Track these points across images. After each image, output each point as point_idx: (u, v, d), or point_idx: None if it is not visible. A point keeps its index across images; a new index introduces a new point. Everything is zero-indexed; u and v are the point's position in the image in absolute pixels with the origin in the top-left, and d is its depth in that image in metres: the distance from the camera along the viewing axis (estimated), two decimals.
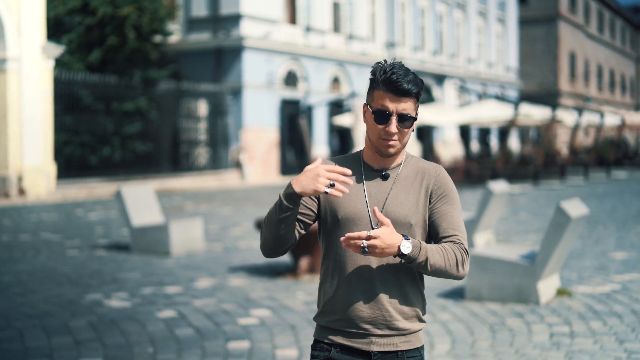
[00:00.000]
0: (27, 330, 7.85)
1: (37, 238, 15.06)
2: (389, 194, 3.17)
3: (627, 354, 6.79)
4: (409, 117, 3.12)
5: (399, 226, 3.11)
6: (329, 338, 3.18)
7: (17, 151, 23.52)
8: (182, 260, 12.21)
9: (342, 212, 3.15)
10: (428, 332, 7.59)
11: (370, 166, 3.23)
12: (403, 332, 3.13)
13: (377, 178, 3.21)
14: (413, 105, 3.14)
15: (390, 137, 3.12)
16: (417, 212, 3.16)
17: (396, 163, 3.23)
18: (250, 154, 33.74)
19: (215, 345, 7.24)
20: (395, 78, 3.08)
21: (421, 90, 3.16)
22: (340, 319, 3.14)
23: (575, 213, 8.59)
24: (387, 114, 3.10)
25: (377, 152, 3.18)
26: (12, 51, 23.39)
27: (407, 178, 3.21)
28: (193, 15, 35.10)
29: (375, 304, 3.10)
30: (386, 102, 3.10)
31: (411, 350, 3.16)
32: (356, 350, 3.13)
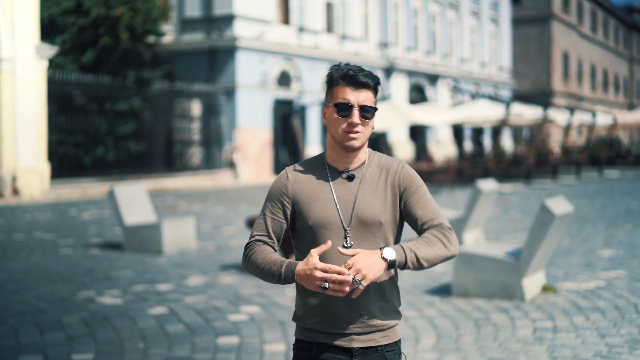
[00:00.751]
0: (21, 326, 7.99)
1: (31, 237, 15.19)
2: (357, 195, 3.21)
3: (607, 348, 6.94)
4: (370, 108, 3.20)
5: (370, 225, 3.18)
6: (310, 337, 3.24)
7: (11, 151, 23.63)
8: (174, 259, 12.35)
9: (313, 218, 3.20)
10: (414, 327, 7.75)
11: (334, 168, 3.27)
12: (382, 328, 3.21)
13: (343, 180, 3.25)
14: (373, 98, 3.22)
15: (354, 129, 3.17)
16: (386, 210, 3.22)
17: (360, 162, 3.28)
18: (244, 153, 33.86)
19: (205, 341, 7.39)
20: (352, 72, 3.18)
21: (378, 84, 3.23)
22: (319, 321, 3.20)
23: (559, 211, 8.74)
24: (349, 106, 3.17)
25: (341, 148, 3.22)
26: (6, 52, 23.50)
27: (372, 177, 3.26)
28: (186, 15, 35.21)
29: (353, 304, 3.16)
30: (347, 95, 3.18)
31: (390, 344, 3.25)
32: (337, 347, 3.19)
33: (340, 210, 3.19)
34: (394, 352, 3.27)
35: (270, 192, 3.33)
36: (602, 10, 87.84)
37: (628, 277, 10.36)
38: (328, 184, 3.25)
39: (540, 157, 39.44)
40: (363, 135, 3.21)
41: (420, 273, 10.79)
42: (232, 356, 6.88)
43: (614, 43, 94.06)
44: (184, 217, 13.63)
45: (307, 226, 3.22)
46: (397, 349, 3.30)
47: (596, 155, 43.18)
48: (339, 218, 3.18)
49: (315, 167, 3.31)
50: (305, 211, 3.22)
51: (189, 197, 25.45)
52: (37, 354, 7.02)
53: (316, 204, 3.21)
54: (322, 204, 3.21)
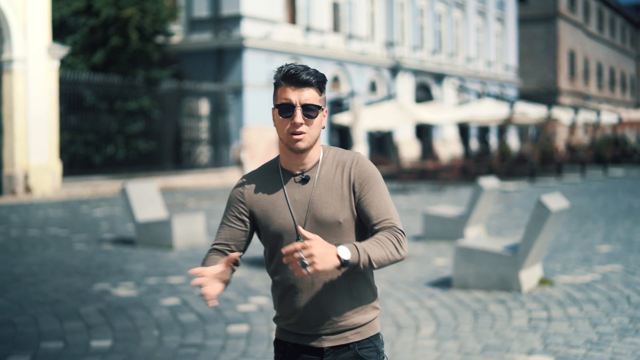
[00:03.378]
0: (41, 316, 8.40)
1: (45, 233, 15.62)
2: (311, 197, 3.14)
3: (598, 336, 7.32)
4: (313, 107, 3.10)
5: (328, 226, 3.12)
6: (284, 338, 3.25)
7: (23, 150, 24.07)
8: (185, 253, 12.76)
9: (272, 226, 3.17)
10: (415, 317, 8.14)
11: (289, 171, 3.21)
12: (353, 326, 3.17)
13: (298, 183, 3.18)
14: (317, 96, 3.13)
15: (297, 129, 3.09)
16: (344, 208, 3.15)
17: (313, 162, 3.20)
18: (251, 152, 34.27)
19: (217, 329, 7.79)
20: (294, 71, 3.11)
21: (322, 81, 3.16)
22: (291, 323, 3.20)
23: (555, 206, 9.11)
24: (291, 106, 3.10)
25: (290, 150, 3.15)
26: (18, 52, 23.94)
27: (327, 175, 3.18)
28: (194, 16, 35.62)
29: (320, 306, 3.13)
30: (288, 95, 3.11)
31: (363, 341, 3.19)
32: (309, 348, 3.19)
33: (294, 214, 3.13)
34: (368, 349, 3.21)
35: (228, 201, 3.32)
36: (609, 9, 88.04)
37: (623, 271, 10.73)
38: (281, 188, 3.20)
39: (545, 155, 39.74)
40: (309, 135, 3.11)
41: (422, 266, 11.19)
42: (242, 343, 7.28)
43: (620, 41, 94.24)
44: (193, 214, 14.05)
45: (266, 233, 3.20)
46: (373, 346, 3.22)
47: (601, 154, 43.47)
48: (294, 224, 3.13)
49: (270, 172, 3.26)
50: (262, 219, 3.20)
51: (197, 194, 25.88)
52: (58, 341, 7.42)
53: (272, 212, 3.17)
54: (278, 211, 3.16)
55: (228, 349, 7.08)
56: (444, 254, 12.38)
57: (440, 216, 14.09)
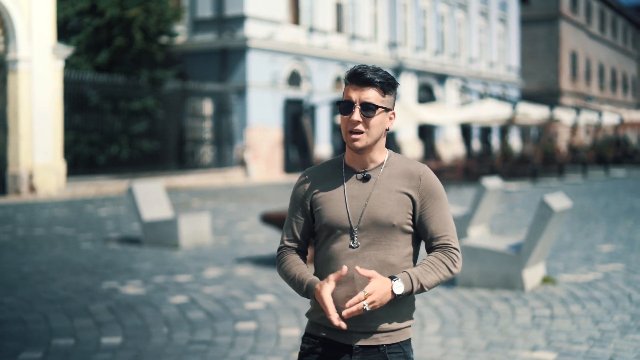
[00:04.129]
0: (51, 313, 8.52)
1: (51, 232, 15.75)
2: (370, 195, 3.18)
3: (600, 333, 7.44)
4: (372, 105, 3.12)
5: (381, 227, 3.15)
6: (314, 332, 3.28)
7: (28, 149, 24.20)
8: (191, 252, 12.88)
9: (326, 217, 3.22)
10: (420, 315, 8.26)
11: (351, 168, 3.25)
12: (385, 330, 3.19)
13: (358, 180, 3.23)
14: (379, 96, 3.15)
15: (354, 127, 3.14)
16: (400, 213, 3.18)
17: (376, 164, 3.24)
18: (255, 152, 34.40)
19: (225, 326, 7.91)
20: (360, 70, 3.15)
21: (387, 83, 3.18)
22: (324, 316, 3.20)
23: (558, 206, 9.24)
24: (350, 104, 3.14)
25: (350, 149, 3.21)
26: (24, 52, 24.08)
27: (390, 178, 3.21)
28: (198, 16, 35.77)
29: None
30: (350, 93, 3.15)
31: (393, 345, 3.21)
32: (338, 344, 3.21)
33: (349, 209, 3.18)
34: (397, 355, 3.22)
35: (292, 195, 3.37)
36: (611, 10, 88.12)
37: (625, 270, 10.85)
38: (341, 183, 3.24)
39: (547, 156, 39.85)
40: (366, 135, 3.15)
41: None
42: (250, 339, 7.40)
43: (622, 42, 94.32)
44: (199, 213, 14.17)
45: (321, 226, 3.24)
46: (402, 352, 3.24)
47: (603, 155, 43.58)
48: (348, 217, 3.18)
49: (333, 167, 3.31)
50: (320, 211, 3.24)
51: (201, 194, 26.01)
52: (69, 338, 7.54)
53: (329, 204, 3.22)
54: (335, 203, 3.21)
55: (237, 346, 7.20)
56: None
57: None
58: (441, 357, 6.79)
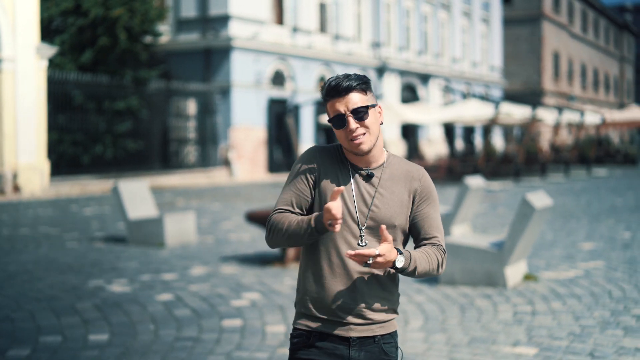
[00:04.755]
0: (38, 311, 8.58)
1: (37, 231, 15.79)
2: (375, 195, 3.25)
3: (580, 329, 7.57)
4: (362, 108, 3.19)
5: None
6: (308, 325, 3.29)
7: (12, 149, 24.20)
8: (177, 251, 12.96)
9: None
10: (404, 311, 8.37)
11: (355, 165, 3.29)
12: (379, 321, 3.28)
13: (363, 177, 3.27)
14: (362, 97, 3.21)
15: (354, 134, 3.18)
16: (401, 214, 3.27)
17: (378, 163, 3.30)
18: (239, 152, 34.46)
19: (211, 323, 8.00)
20: (335, 83, 3.19)
21: (364, 83, 3.23)
22: (320, 307, 3.25)
23: (539, 204, 9.37)
24: (341, 116, 3.18)
25: (354, 154, 3.26)
26: (7, 52, 24.07)
27: (392, 179, 3.29)
28: (182, 16, 35.79)
29: (354, 296, 3.22)
30: (336, 107, 3.20)
31: (387, 335, 3.32)
32: (335, 336, 3.25)
33: (357, 208, 3.23)
34: (390, 345, 3.33)
35: (298, 168, 3.34)
36: (593, 10, 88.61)
37: (606, 267, 11.01)
38: (350, 178, 3.28)
39: (529, 155, 40.10)
40: (368, 135, 3.22)
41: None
42: (236, 336, 7.50)
43: (604, 43, 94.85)
44: (184, 212, 14.25)
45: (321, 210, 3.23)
46: (394, 342, 3.36)
47: (585, 154, 43.86)
48: (356, 215, 3.23)
49: (337, 157, 3.33)
50: (324, 196, 3.25)
51: (185, 194, 26.07)
52: (56, 335, 7.62)
53: None
54: (343, 197, 3.24)
55: (223, 342, 7.30)
56: None
57: None
58: (424, 352, 6.91)
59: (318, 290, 3.26)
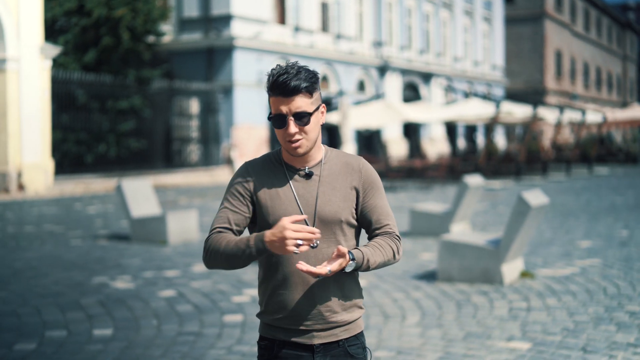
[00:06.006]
0: (43, 307, 8.77)
1: (41, 229, 15.98)
2: (317, 193, 3.18)
3: (574, 324, 7.74)
4: (305, 114, 3.09)
5: (330, 224, 3.16)
6: (272, 334, 3.23)
7: (16, 148, 24.39)
8: (179, 249, 13.15)
9: (273, 216, 3.14)
10: (401, 307, 8.55)
11: (292, 166, 3.22)
12: (342, 324, 3.21)
13: (302, 178, 3.20)
14: (308, 100, 3.11)
15: (292, 138, 3.10)
16: (346, 208, 3.19)
17: (316, 161, 3.23)
18: (241, 150, 34.63)
19: (213, 318, 8.18)
20: (281, 80, 3.06)
21: (312, 83, 3.12)
22: (281, 317, 3.18)
23: (535, 202, 9.54)
24: (282, 116, 3.09)
25: (293, 155, 3.18)
26: (12, 52, 24.25)
27: (331, 174, 3.22)
28: (185, 15, 35.96)
29: (313, 301, 3.15)
30: (279, 106, 3.09)
31: (351, 338, 3.25)
32: (299, 344, 3.19)
33: (302, 209, 3.15)
34: (356, 346, 3.27)
35: (231, 185, 3.26)
36: (595, 9, 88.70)
37: (602, 264, 11.17)
38: (287, 182, 3.20)
39: (531, 154, 40.21)
40: (305, 140, 3.13)
41: (408, 261, 11.60)
42: (237, 331, 7.68)
43: (607, 41, 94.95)
44: (187, 210, 14.44)
45: (265, 223, 3.17)
46: (359, 343, 3.30)
47: (587, 153, 43.96)
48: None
49: (273, 163, 3.26)
50: (265, 208, 3.17)
51: (188, 192, 26.25)
52: (62, 330, 7.80)
53: (277, 202, 3.16)
54: (283, 203, 3.16)
55: (224, 337, 7.48)
56: (430, 249, 12.79)
57: (427, 213, 14.51)
58: (420, 346, 7.07)
59: (276, 300, 3.19)
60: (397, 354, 6.85)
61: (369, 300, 8.86)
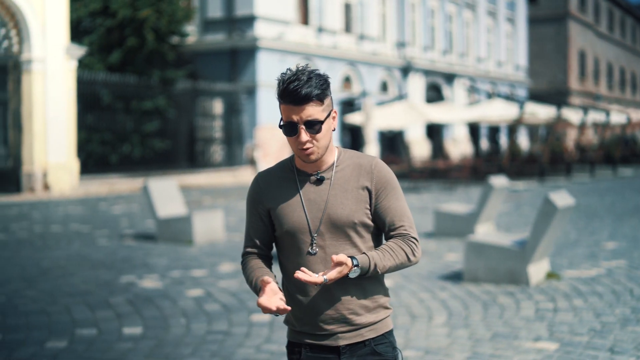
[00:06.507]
0: (73, 305, 8.87)
1: (68, 229, 16.12)
2: (328, 197, 3.16)
3: (601, 325, 7.75)
4: (317, 122, 3.06)
5: (342, 227, 3.14)
6: (299, 339, 3.24)
7: (42, 148, 24.59)
8: (205, 248, 13.23)
9: (286, 224, 3.18)
10: (428, 308, 8.59)
11: (304, 172, 3.21)
12: (367, 324, 3.20)
13: (313, 183, 3.19)
14: (319, 108, 3.07)
15: (304, 146, 3.08)
16: (359, 210, 3.16)
17: (328, 164, 3.21)
18: (264, 150, 34.73)
19: (241, 317, 8.25)
20: (291, 88, 3.02)
21: (323, 90, 3.08)
22: (305, 323, 3.20)
23: (561, 203, 9.55)
24: (293, 125, 3.07)
25: (305, 162, 3.17)
26: (38, 52, 24.46)
27: (344, 177, 3.20)
28: (209, 16, 36.11)
29: (335, 305, 3.15)
30: (290, 113, 3.06)
31: (378, 337, 3.24)
32: (324, 347, 3.20)
33: (308, 214, 3.16)
34: (384, 345, 3.26)
35: (247, 202, 3.32)
36: (619, 9, 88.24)
37: (628, 266, 11.16)
38: (297, 188, 3.20)
39: (554, 155, 40.06)
40: (317, 147, 3.11)
41: (434, 261, 11.64)
42: (265, 330, 7.74)
43: (631, 42, 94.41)
44: (212, 210, 14.53)
45: (282, 232, 3.21)
46: (388, 342, 3.28)
47: (611, 154, 43.74)
48: (307, 224, 3.15)
49: (284, 171, 3.27)
50: (278, 217, 3.20)
51: (212, 192, 26.37)
52: (91, 328, 7.89)
53: (287, 210, 3.18)
54: (293, 210, 3.18)
55: (252, 336, 7.54)
56: (455, 250, 12.82)
57: (451, 214, 14.53)
58: (448, 346, 7.11)
59: (298, 305, 3.19)
60: (425, 353, 6.89)
61: (396, 300, 8.90)
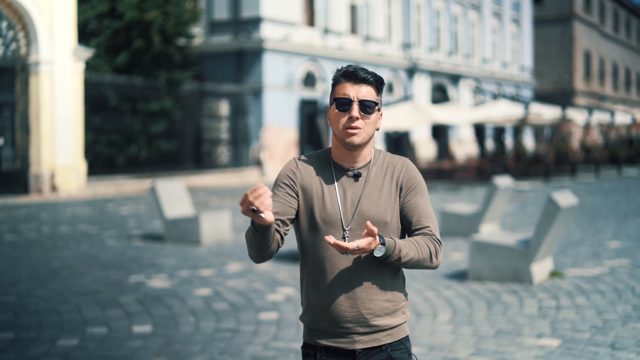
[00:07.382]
0: (83, 304, 9.02)
1: (76, 229, 16.28)
2: (362, 194, 3.20)
3: (603, 322, 7.88)
4: (371, 103, 3.16)
5: (375, 225, 3.13)
6: (315, 341, 3.23)
7: (49, 149, 24.76)
8: (213, 249, 13.38)
9: (318, 214, 3.19)
10: (432, 305, 8.72)
11: (340, 166, 3.25)
12: (385, 328, 3.20)
13: (349, 178, 3.23)
14: (374, 94, 3.19)
15: (353, 123, 3.14)
16: (391, 209, 3.20)
17: (365, 161, 3.26)
18: (270, 152, 34.87)
19: (248, 316, 8.39)
20: (352, 69, 3.18)
21: (380, 82, 3.22)
22: (323, 319, 3.18)
23: (564, 203, 9.67)
24: (348, 100, 3.15)
25: (343, 146, 3.20)
26: (45, 54, 24.63)
27: (378, 175, 3.24)
28: (215, 18, 36.28)
29: (355, 303, 3.14)
30: (347, 90, 3.17)
31: (395, 342, 3.23)
32: (340, 350, 3.19)
33: (342, 209, 3.17)
34: (400, 351, 3.25)
35: (279, 178, 3.31)
36: (625, 10, 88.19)
37: (631, 265, 11.27)
38: (333, 181, 3.23)
39: (559, 155, 40.13)
40: (364, 131, 3.17)
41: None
42: (272, 328, 7.88)
43: (636, 42, 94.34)
44: (220, 211, 14.67)
45: (314, 221, 3.21)
46: (404, 348, 3.27)
47: (616, 154, 43.79)
48: (340, 218, 3.17)
49: (322, 162, 3.29)
50: (308, 204, 3.22)
51: (218, 193, 26.52)
52: (102, 326, 8.04)
53: (320, 200, 3.20)
54: (326, 201, 3.19)
55: (260, 334, 7.68)
56: (460, 249, 12.95)
57: (457, 214, 14.66)
58: (452, 343, 7.25)
59: (316, 302, 3.21)
60: (429, 350, 7.03)
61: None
